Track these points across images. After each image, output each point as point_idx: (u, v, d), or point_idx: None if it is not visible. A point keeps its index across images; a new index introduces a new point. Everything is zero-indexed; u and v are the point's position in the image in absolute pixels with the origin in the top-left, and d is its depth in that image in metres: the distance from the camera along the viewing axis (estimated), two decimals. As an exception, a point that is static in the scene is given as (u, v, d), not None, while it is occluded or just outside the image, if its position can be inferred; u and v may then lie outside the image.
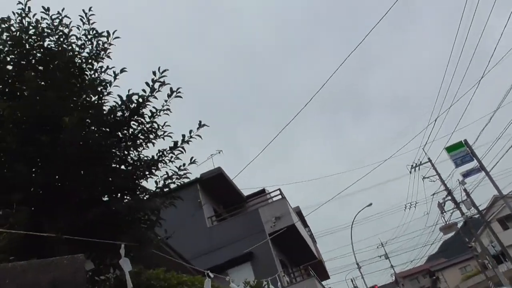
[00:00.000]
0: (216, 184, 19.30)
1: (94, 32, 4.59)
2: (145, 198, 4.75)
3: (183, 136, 4.74)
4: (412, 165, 36.72)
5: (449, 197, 35.06)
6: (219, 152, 21.05)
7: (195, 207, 18.60)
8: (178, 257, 12.73)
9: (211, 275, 5.95)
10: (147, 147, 4.76)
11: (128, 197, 4.75)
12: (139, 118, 4.55)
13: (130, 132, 4.60)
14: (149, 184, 4.97)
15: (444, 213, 35.49)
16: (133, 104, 4.43)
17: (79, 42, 4.60)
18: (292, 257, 20.94)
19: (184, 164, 4.83)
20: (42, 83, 4.14)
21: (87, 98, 4.51)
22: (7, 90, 4.18)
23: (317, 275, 22.92)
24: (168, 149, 4.71)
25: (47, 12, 4.38)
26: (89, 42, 4.60)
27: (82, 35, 4.59)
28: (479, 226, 49.55)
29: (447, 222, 34.63)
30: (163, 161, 4.70)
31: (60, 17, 4.48)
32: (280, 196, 18.01)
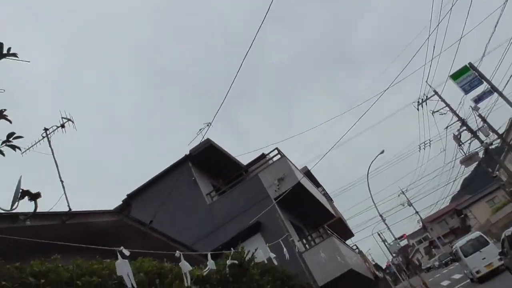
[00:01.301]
0: (209, 158, 17.33)
1: None
2: None
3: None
4: (418, 101, 34.20)
5: (464, 127, 32.60)
6: (208, 125, 18.87)
7: (190, 186, 16.72)
8: (172, 242, 10.90)
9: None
10: None
11: None
12: None
13: None
14: None
15: (462, 145, 33.14)
16: None
17: None
18: (308, 219, 19.07)
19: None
20: None
21: None
22: None
23: (340, 234, 21.05)
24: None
25: None
26: None
27: None
28: (500, 154, 47.14)
29: (467, 154, 32.38)
30: None
31: None
32: (279, 156, 15.97)
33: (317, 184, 25.88)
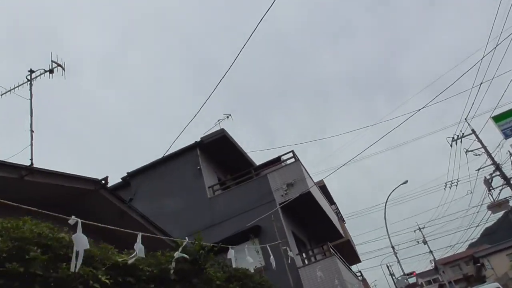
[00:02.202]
0: (220, 149, 16.09)
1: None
2: None
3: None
4: (453, 137, 31.99)
5: (498, 172, 30.12)
6: (227, 117, 17.71)
7: (194, 175, 15.51)
8: (150, 225, 9.68)
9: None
10: None
11: None
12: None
13: None
14: None
15: (492, 190, 30.63)
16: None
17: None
18: (314, 234, 17.47)
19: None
20: None
21: None
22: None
23: (346, 258, 19.30)
24: None
25: None
26: None
27: None
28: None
29: (495, 200, 29.83)
30: None
31: None
32: (293, 160, 14.52)
33: (330, 200, 24.19)
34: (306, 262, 13.87)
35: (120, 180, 16.52)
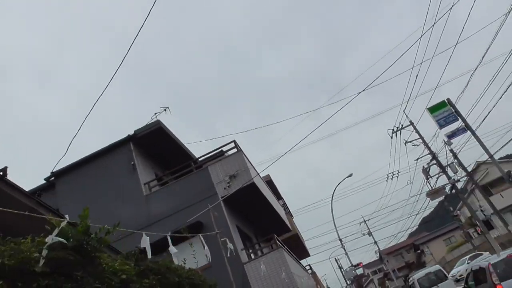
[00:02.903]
0: (156, 142, 14.78)
1: None
2: None
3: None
4: (393, 129, 33.02)
5: (434, 161, 31.47)
6: (165, 110, 16.41)
7: (128, 171, 14.08)
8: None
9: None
10: None
11: None
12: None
13: None
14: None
15: (430, 179, 31.94)
16: None
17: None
18: (260, 229, 16.68)
19: None
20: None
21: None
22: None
23: (295, 252, 18.74)
24: None
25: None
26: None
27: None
28: (463, 194, 46.61)
29: (433, 188, 31.12)
30: None
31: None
32: (235, 150, 13.61)
33: (278, 195, 23.63)
34: (253, 256, 13.03)
35: (43, 181, 14.64)
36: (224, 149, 13.79)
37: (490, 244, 28.89)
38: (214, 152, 14.55)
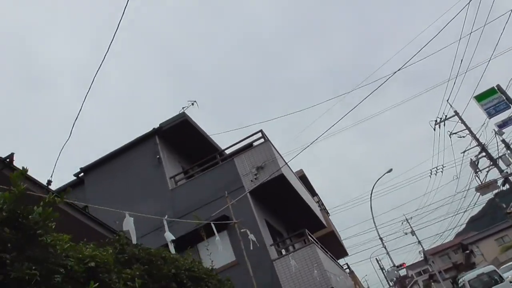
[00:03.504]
0: (182, 135, 14.27)
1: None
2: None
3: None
4: (436, 120, 30.83)
5: (483, 153, 28.99)
6: (192, 104, 15.88)
7: (154, 165, 13.65)
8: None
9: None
10: None
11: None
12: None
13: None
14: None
15: (479, 173, 29.46)
16: None
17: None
18: (291, 224, 15.73)
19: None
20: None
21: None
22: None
23: (331, 250, 17.63)
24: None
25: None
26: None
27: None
28: (514, 193, 43.11)
29: (483, 182, 28.66)
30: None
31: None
32: (262, 140, 12.78)
33: (312, 192, 22.56)
34: (283, 253, 12.14)
35: (73, 177, 14.56)
36: (251, 139, 12.98)
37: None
38: (241, 142, 13.71)
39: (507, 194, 44.90)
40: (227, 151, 14.00)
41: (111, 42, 6.24)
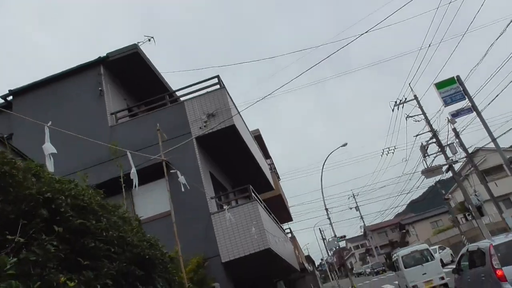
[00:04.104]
0: (131, 69, 12.80)
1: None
2: None
3: None
4: (395, 102, 31.06)
5: (434, 140, 29.69)
6: (149, 40, 14.22)
7: (95, 98, 12.19)
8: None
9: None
10: None
11: None
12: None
13: None
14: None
15: (427, 157, 30.28)
16: None
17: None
18: (238, 181, 15.02)
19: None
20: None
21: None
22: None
23: (277, 215, 17.23)
24: None
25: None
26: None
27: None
28: (453, 183, 45.35)
29: (429, 166, 29.53)
30: None
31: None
32: (218, 86, 11.66)
33: (266, 154, 21.97)
34: (224, 207, 11.41)
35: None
36: (206, 84, 11.79)
37: (480, 231, 27.73)
38: (194, 85, 12.37)
39: (448, 183, 47.16)
40: (179, 94, 12.72)
41: None
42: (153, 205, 11.07)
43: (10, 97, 12.67)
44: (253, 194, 10.89)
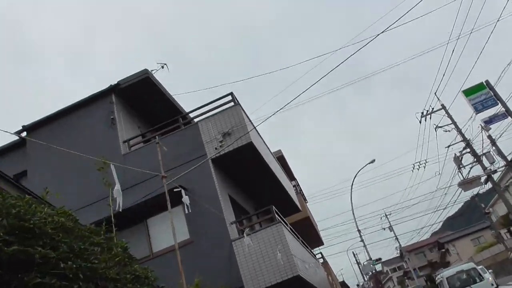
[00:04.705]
0: (143, 95, 12.41)
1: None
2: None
3: None
4: (422, 113, 29.60)
5: (468, 150, 27.86)
6: (162, 67, 13.89)
7: (108, 127, 11.77)
8: None
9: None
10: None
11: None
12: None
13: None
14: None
15: (462, 169, 28.37)
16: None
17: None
18: (261, 204, 14.08)
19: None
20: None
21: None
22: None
23: (306, 239, 16.07)
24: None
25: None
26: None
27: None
28: (492, 196, 42.44)
29: (465, 178, 27.57)
30: None
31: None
32: (232, 104, 11.00)
33: (290, 175, 20.97)
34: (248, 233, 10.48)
35: (16, 136, 12.53)
36: (220, 102, 11.16)
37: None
38: (208, 105, 11.73)
39: (487, 196, 44.16)
40: (192, 115, 12.15)
41: None
42: (169, 234, 10.30)
43: (24, 133, 12.44)
44: (276, 215, 9.93)
